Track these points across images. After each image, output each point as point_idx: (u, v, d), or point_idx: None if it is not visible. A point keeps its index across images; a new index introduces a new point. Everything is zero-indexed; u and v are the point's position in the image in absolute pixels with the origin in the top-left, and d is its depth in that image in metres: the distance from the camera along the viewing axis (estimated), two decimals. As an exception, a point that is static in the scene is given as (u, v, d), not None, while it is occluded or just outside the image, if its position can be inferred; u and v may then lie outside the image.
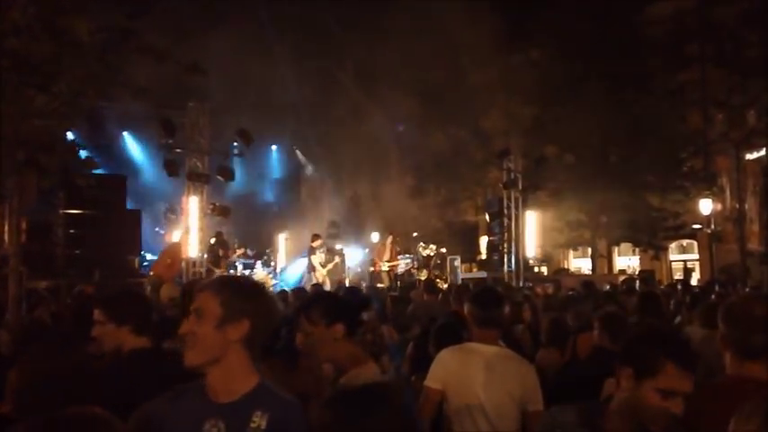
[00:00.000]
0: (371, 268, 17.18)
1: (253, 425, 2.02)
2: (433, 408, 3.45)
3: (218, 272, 15.12)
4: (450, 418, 3.44)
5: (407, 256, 17.77)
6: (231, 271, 15.56)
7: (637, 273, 19.39)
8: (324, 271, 15.95)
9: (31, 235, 12.35)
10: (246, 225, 18.85)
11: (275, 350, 3.56)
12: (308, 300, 3.45)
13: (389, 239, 17.20)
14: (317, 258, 16.09)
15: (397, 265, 17.08)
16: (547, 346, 5.32)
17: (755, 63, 17.82)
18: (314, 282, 15.36)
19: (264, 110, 17.98)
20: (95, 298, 4.18)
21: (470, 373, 3.44)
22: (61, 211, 13.82)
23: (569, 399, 2.44)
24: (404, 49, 16.82)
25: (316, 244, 16.22)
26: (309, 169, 22.14)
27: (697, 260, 24.58)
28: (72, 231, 13.97)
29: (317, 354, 3.11)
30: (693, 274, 23.23)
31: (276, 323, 2.16)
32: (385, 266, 16.75)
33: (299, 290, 8.98)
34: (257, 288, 2.20)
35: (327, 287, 14.52)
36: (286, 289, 10.51)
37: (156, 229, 18.30)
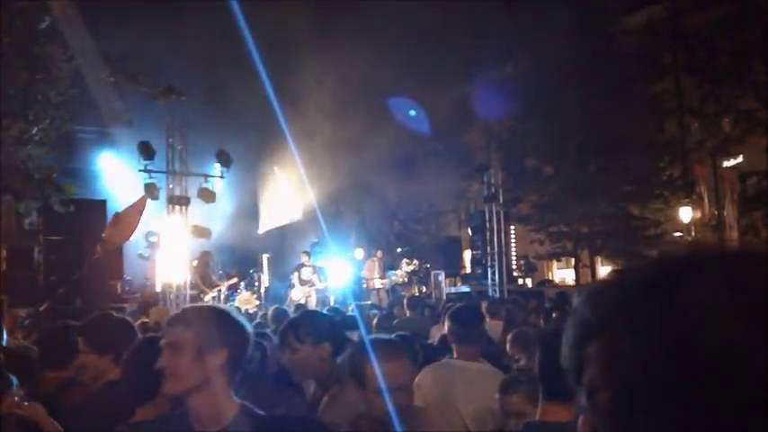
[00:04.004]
0: (363, 285, 17.16)
1: None
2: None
3: (204, 297, 15.08)
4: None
5: (392, 271, 17.79)
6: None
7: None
8: (302, 288, 15.87)
9: (11, 262, 12.26)
10: (230, 245, 18.75)
11: (251, 372, 3.56)
12: (297, 318, 3.47)
13: (379, 254, 17.25)
14: (303, 275, 16.02)
15: (385, 281, 17.13)
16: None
17: (728, 71, 18.09)
18: (294, 299, 15.33)
19: (244, 129, 17.98)
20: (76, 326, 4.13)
21: (452, 389, 3.46)
22: (41, 237, 13.71)
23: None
24: (379, 64, 16.91)
25: (305, 261, 16.19)
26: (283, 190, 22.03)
27: (679, 267, 24.73)
28: (52, 257, 13.86)
29: (304, 372, 3.13)
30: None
31: (250, 348, 2.21)
32: (378, 283, 16.76)
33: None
34: (230, 316, 2.24)
35: (312, 305, 14.48)
36: (285, 308, 10.41)
37: (139, 252, 18.15)
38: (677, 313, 0.65)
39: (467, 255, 21.54)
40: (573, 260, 22.50)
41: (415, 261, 17.78)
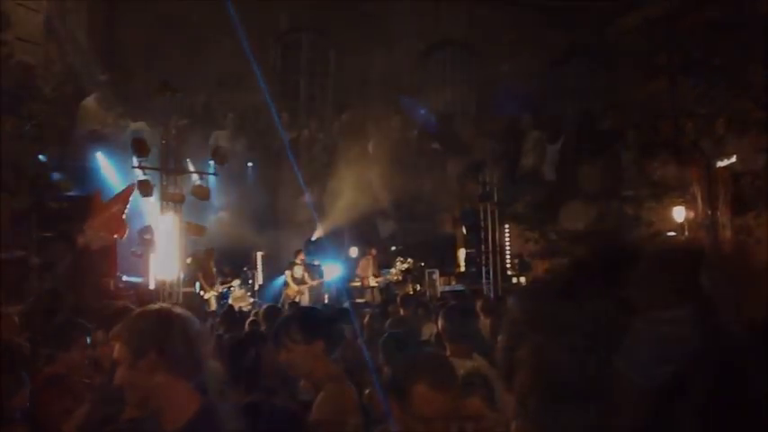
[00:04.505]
0: (358, 284, 17.18)
1: None
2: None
3: (205, 296, 15.18)
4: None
5: (387, 270, 17.79)
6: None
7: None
8: (296, 287, 15.89)
9: (4, 259, 12.20)
10: (224, 243, 18.70)
11: (244, 369, 3.56)
12: (290, 316, 3.47)
13: (373, 252, 17.30)
14: (295, 273, 16.04)
15: (380, 280, 17.17)
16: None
17: (723, 72, 18.12)
18: (287, 297, 15.35)
19: (240, 126, 17.96)
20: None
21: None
22: (34, 234, 13.62)
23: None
24: (375, 66, 16.91)
25: (298, 259, 16.23)
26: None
27: (672, 267, 24.72)
28: (45, 254, 13.76)
29: (298, 370, 3.13)
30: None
31: (193, 342, 2.19)
32: (373, 282, 16.82)
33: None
34: (157, 318, 2.24)
35: (305, 303, 14.49)
36: (278, 306, 10.42)
37: (133, 249, 18.06)
38: (606, 315, 0.62)
39: (461, 253, 21.51)
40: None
41: (409, 259, 17.78)
